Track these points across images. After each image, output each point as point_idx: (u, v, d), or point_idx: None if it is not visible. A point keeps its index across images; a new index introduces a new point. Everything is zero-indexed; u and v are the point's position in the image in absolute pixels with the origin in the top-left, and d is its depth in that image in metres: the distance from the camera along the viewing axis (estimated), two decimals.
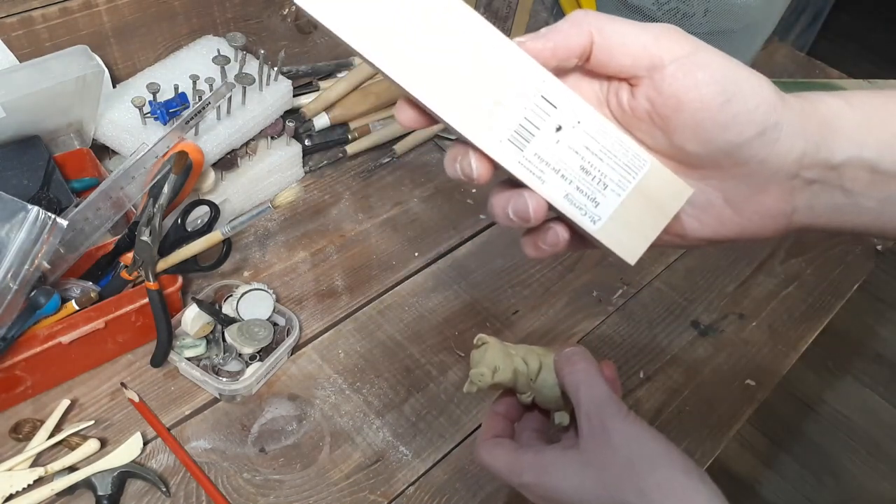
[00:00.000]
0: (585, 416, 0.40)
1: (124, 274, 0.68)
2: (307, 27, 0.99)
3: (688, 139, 0.34)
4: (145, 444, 0.64)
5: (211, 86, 0.75)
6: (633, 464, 0.38)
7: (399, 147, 0.95)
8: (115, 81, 0.81)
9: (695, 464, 0.39)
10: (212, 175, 0.77)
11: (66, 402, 0.65)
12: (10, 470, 0.60)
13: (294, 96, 0.85)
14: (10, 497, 0.58)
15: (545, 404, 0.48)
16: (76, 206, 0.69)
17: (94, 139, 0.78)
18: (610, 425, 0.39)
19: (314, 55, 1.02)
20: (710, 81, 0.33)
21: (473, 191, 0.93)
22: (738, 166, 0.35)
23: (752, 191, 0.36)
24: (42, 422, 0.64)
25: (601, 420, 0.39)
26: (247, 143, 0.81)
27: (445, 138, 0.97)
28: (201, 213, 0.73)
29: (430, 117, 0.34)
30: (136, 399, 0.66)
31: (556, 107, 0.34)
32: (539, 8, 1.27)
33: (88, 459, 0.62)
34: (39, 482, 0.59)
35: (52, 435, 0.63)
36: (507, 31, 1.15)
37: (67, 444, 0.63)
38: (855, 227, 0.36)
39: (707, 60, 0.33)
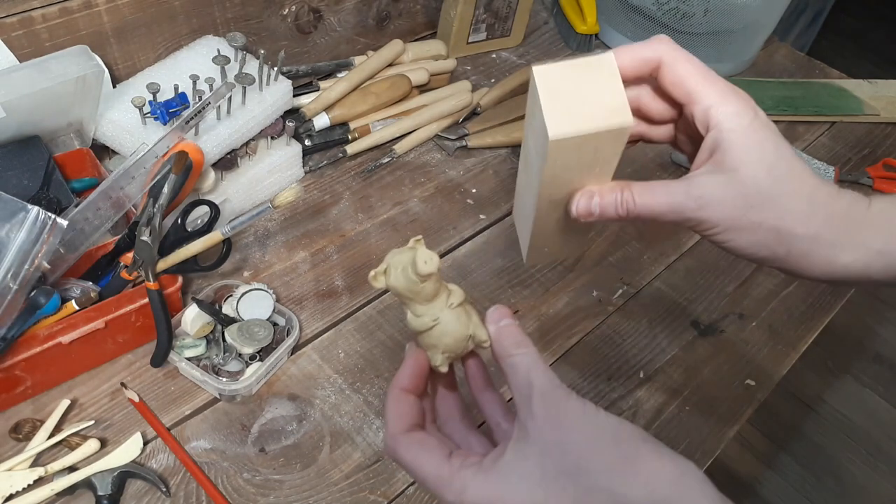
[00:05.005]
0: (540, 398, 0.39)
1: (124, 274, 0.68)
2: (307, 27, 0.99)
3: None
4: (145, 444, 0.64)
5: (211, 86, 0.75)
6: (596, 440, 0.37)
7: (399, 147, 0.95)
8: (115, 81, 0.81)
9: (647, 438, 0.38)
10: (212, 175, 0.77)
11: (66, 402, 0.65)
12: (10, 470, 0.60)
13: (294, 96, 0.85)
14: (10, 497, 0.58)
15: (424, 339, 0.45)
16: (76, 206, 0.69)
17: (94, 139, 0.78)
18: (564, 405, 0.38)
19: (314, 55, 1.02)
20: (758, 242, 0.42)
21: (473, 191, 0.93)
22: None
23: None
24: (42, 422, 0.64)
25: (556, 402, 0.39)
26: (247, 143, 0.81)
27: (445, 138, 0.98)
28: (201, 213, 0.73)
29: None
30: (136, 399, 0.66)
31: None
32: (539, 8, 1.27)
33: (88, 459, 0.62)
34: (39, 482, 0.60)
35: (52, 435, 0.63)
36: (507, 31, 1.15)
37: (67, 444, 0.63)
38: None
39: (755, 222, 0.41)
